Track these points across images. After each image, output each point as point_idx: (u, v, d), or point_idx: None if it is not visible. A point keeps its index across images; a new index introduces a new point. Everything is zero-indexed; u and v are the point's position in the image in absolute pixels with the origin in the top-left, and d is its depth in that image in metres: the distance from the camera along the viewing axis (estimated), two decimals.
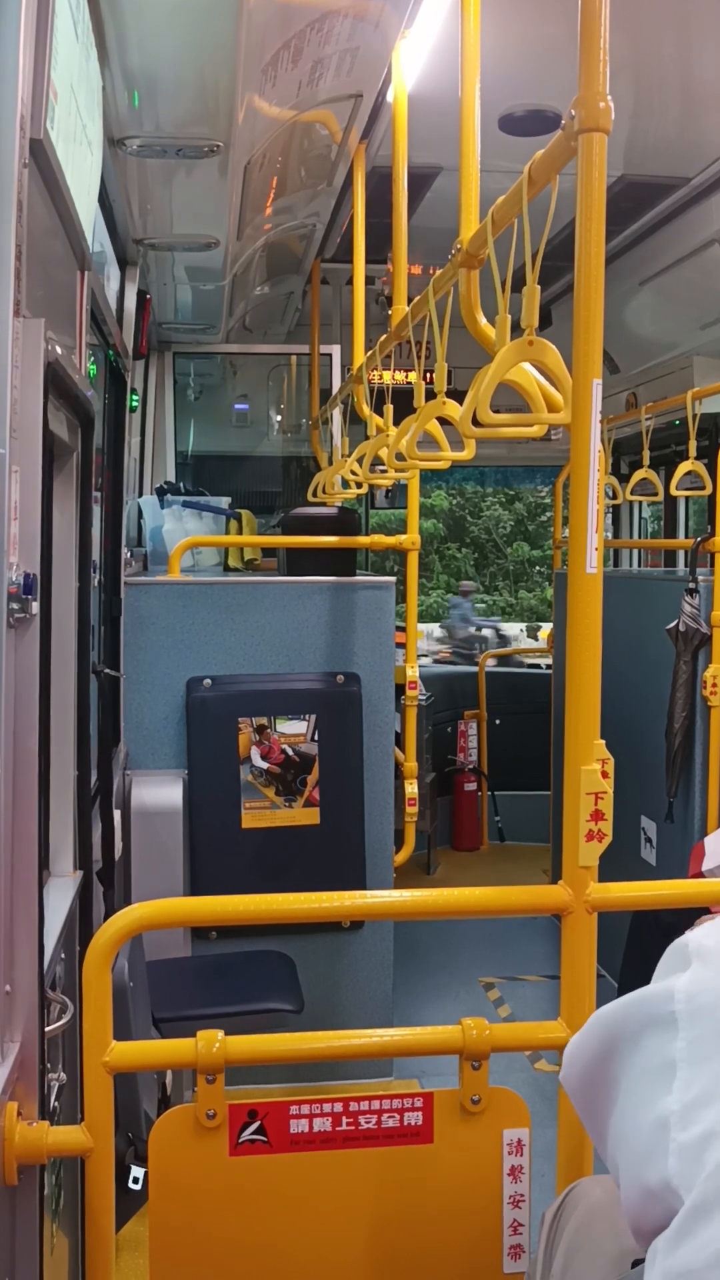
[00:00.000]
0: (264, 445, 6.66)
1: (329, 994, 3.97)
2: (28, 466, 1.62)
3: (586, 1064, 1.04)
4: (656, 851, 4.46)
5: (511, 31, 3.10)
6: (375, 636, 3.99)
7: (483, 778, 7.04)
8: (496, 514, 21.45)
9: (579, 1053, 1.06)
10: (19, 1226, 1.65)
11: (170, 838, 3.72)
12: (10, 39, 1.58)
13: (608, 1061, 1.01)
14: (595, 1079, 1.03)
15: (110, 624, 3.76)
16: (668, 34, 3.31)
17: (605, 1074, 1.01)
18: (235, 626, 3.93)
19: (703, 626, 4.02)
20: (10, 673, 1.60)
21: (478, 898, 1.93)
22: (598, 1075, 1.03)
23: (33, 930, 1.66)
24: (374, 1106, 1.72)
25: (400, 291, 3.35)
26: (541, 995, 4.85)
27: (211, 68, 2.48)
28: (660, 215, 4.84)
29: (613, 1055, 1.00)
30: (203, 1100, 1.66)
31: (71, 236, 2.20)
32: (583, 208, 1.65)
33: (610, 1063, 1.00)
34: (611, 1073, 1.00)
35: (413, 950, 5.19)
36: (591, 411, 1.68)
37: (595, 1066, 1.03)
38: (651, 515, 7.45)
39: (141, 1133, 2.53)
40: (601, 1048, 1.02)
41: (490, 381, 2.00)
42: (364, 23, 2.92)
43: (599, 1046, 1.03)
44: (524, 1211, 1.76)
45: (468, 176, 2.40)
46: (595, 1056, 1.03)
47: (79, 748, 2.40)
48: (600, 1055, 1.02)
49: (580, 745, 1.71)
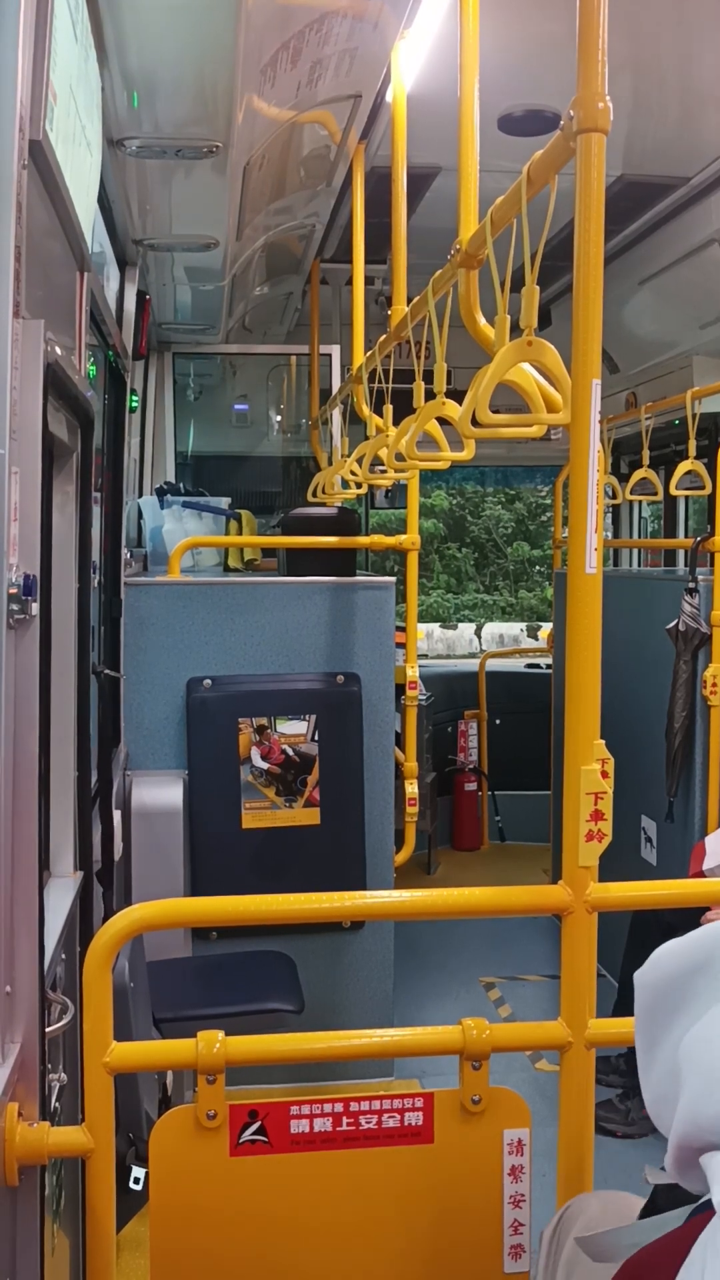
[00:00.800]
0: (264, 445, 6.66)
1: (329, 994, 3.97)
2: (27, 467, 1.62)
3: (677, 967, 1.07)
4: (657, 851, 4.46)
5: (510, 31, 3.10)
6: (375, 636, 3.99)
7: (483, 777, 7.04)
8: (497, 514, 21.45)
9: (670, 954, 1.09)
10: (20, 1227, 1.65)
11: (170, 838, 3.72)
12: (9, 40, 1.58)
13: (699, 972, 1.03)
14: (677, 985, 1.06)
15: (110, 624, 3.76)
16: (666, 34, 3.31)
17: (690, 985, 1.04)
18: (235, 627, 3.93)
19: (702, 626, 4.02)
20: (10, 673, 1.60)
21: (478, 898, 1.93)
22: (682, 983, 1.05)
23: (33, 931, 1.66)
24: (374, 1107, 1.72)
25: (399, 292, 3.35)
26: (542, 995, 4.85)
27: (210, 68, 2.49)
28: (659, 215, 4.84)
29: (707, 967, 1.02)
30: (203, 1100, 1.66)
31: (71, 237, 2.20)
32: (582, 208, 1.65)
33: (699, 975, 1.03)
34: (696, 985, 1.03)
35: (413, 950, 5.19)
36: (591, 411, 1.68)
37: (683, 974, 1.05)
38: (651, 515, 7.46)
39: (142, 1133, 2.53)
40: (699, 956, 1.04)
41: (489, 381, 2.00)
42: (363, 23, 2.92)
43: (696, 956, 1.05)
44: (525, 1211, 1.76)
45: (466, 177, 2.40)
46: (689, 964, 1.05)
47: (79, 748, 2.40)
48: (695, 965, 1.04)
49: (580, 745, 1.71)
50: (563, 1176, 1.76)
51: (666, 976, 1.08)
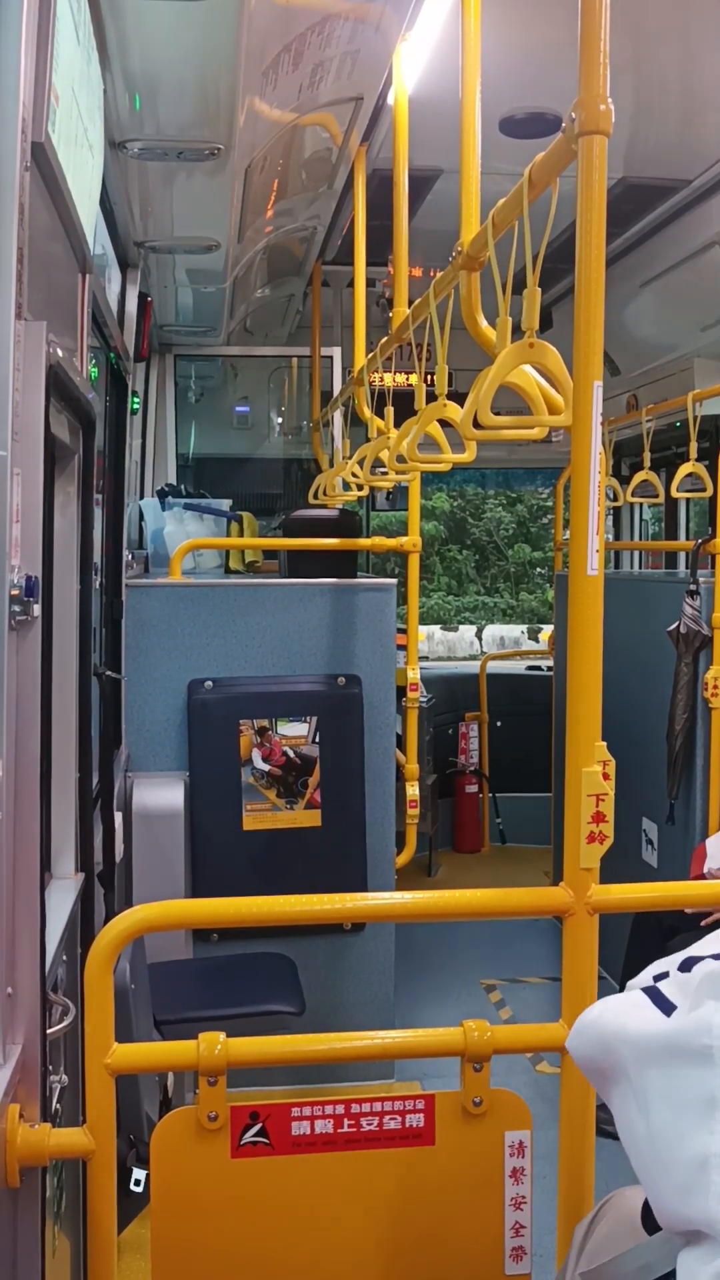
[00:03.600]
0: (265, 447, 6.66)
1: (330, 996, 3.97)
2: (29, 469, 1.62)
3: (591, 1054, 1.05)
4: (658, 853, 4.46)
5: (512, 34, 3.11)
6: (376, 638, 3.99)
7: (484, 779, 7.04)
8: (498, 516, 21.43)
9: (582, 1041, 1.07)
10: (21, 1228, 1.65)
11: (171, 840, 3.72)
12: (12, 43, 1.58)
13: (613, 1062, 1.01)
14: (600, 1070, 1.04)
15: (111, 626, 3.76)
16: (668, 37, 3.32)
17: (610, 1072, 1.02)
18: (236, 628, 3.93)
19: (703, 628, 4.02)
20: (12, 675, 1.60)
21: (479, 900, 1.93)
22: (602, 1068, 1.03)
23: (34, 932, 1.66)
24: (375, 1108, 1.72)
25: (401, 294, 3.35)
26: (543, 997, 4.85)
27: (212, 71, 2.49)
28: (660, 217, 4.85)
29: (624, 1065, 1.00)
30: (204, 1102, 1.66)
31: (73, 239, 2.20)
32: (583, 210, 1.65)
33: (619, 1069, 1.01)
34: (621, 1073, 1.01)
35: (414, 952, 5.19)
36: (592, 413, 1.68)
37: (599, 1060, 1.03)
38: (652, 517, 7.46)
39: (143, 1135, 2.52)
40: (603, 1051, 1.02)
41: (491, 384, 2.00)
42: (364, 25, 2.92)
43: (600, 1049, 1.03)
44: (525, 1213, 1.75)
45: (468, 179, 2.40)
46: (599, 1053, 1.03)
47: (80, 750, 2.40)
48: (603, 1054, 1.02)
49: (581, 747, 1.71)
50: (564, 1179, 1.76)
51: (587, 1060, 1.06)
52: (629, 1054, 1.01)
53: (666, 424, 5.72)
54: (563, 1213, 1.76)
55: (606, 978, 4.13)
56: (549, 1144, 1.79)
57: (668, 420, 5.64)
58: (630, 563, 7.33)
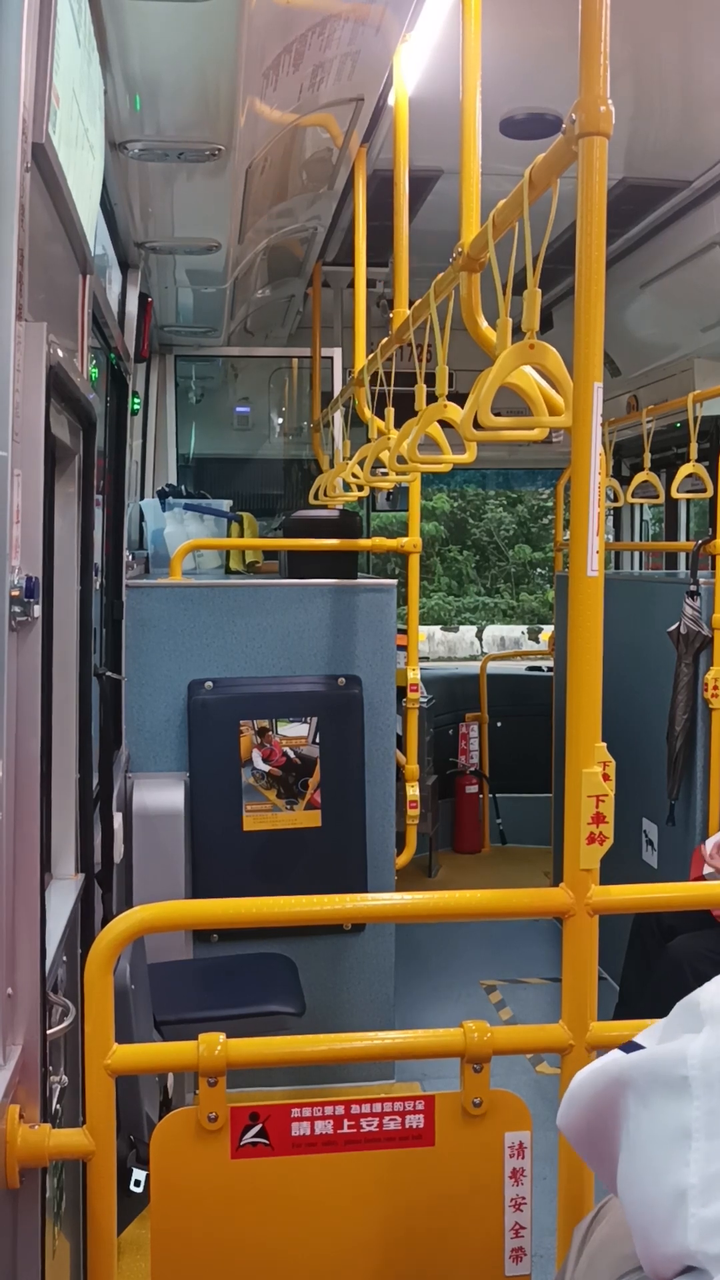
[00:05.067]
0: (265, 448, 6.66)
1: (330, 996, 3.97)
2: (30, 470, 1.62)
3: (585, 1111, 1.04)
4: (658, 854, 4.46)
5: (512, 35, 3.11)
6: (377, 639, 3.99)
7: (484, 780, 7.04)
8: (498, 516, 21.44)
9: (576, 1101, 1.06)
10: (21, 1229, 1.65)
11: (171, 840, 3.72)
12: (12, 43, 1.58)
13: (612, 1108, 1.00)
14: (596, 1127, 1.03)
15: (112, 626, 3.76)
16: (668, 37, 3.32)
17: (607, 1122, 1.01)
18: (237, 629, 3.93)
19: (704, 629, 4.02)
20: (12, 675, 1.60)
21: (479, 900, 1.94)
22: (598, 1123, 1.02)
23: (34, 933, 1.66)
24: (375, 1109, 1.72)
25: (401, 295, 3.35)
26: (543, 998, 4.85)
27: (213, 72, 2.49)
28: (661, 218, 4.85)
29: (616, 1103, 0.99)
30: (204, 1103, 1.66)
31: (73, 240, 2.20)
32: (583, 211, 1.65)
33: (614, 1110, 1.00)
34: (615, 1120, 1.00)
35: (414, 953, 5.19)
36: (592, 414, 1.68)
37: (597, 1113, 1.02)
38: (653, 518, 7.46)
39: (143, 1135, 2.52)
40: (604, 1096, 1.01)
41: (491, 384, 2.00)
42: (365, 26, 2.92)
43: (600, 1095, 1.02)
44: (525, 1214, 1.75)
45: (469, 180, 2.40)
46: (598, 1103, 1.02)
47: (80, 750, 2.40)
48: (605, 1102, 1.01)
49: (581, 748, 1.71)
50: (564, 1179, 1.76)
51: (581, 1119, 1.05)
52: (616, 1093, 1.00)
53: (667, 425, 5.72)
54: (563, 1213, 1.76)
55: (606, 978, 4.13)
56: (549, 1145, 1.79)
57: (668, 421, 5.64)
58: (630, 563, 7.33)
